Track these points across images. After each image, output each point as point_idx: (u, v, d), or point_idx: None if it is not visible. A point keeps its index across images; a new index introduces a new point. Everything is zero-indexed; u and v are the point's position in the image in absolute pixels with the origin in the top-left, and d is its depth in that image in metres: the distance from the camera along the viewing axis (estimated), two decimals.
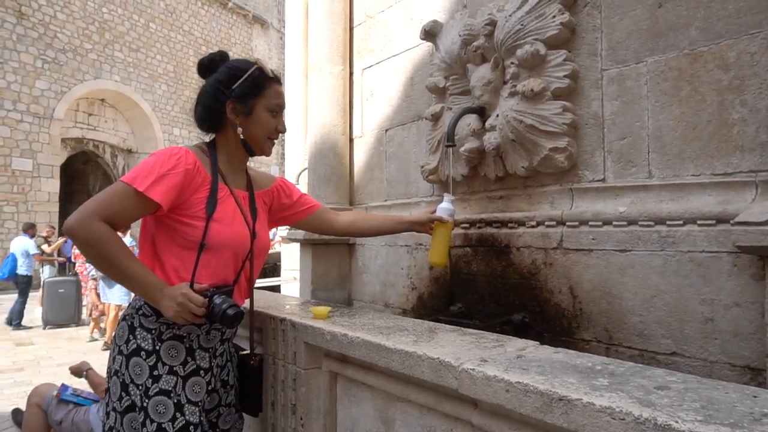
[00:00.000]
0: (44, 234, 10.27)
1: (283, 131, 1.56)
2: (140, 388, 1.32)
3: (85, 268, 9.69)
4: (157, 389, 1.33)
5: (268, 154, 1.57)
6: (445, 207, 1.79)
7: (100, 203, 1.29)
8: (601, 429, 0.77)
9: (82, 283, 9.57)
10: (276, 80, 1.52)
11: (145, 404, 1.31)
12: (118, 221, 1.30)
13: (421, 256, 2.40)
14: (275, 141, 1.56)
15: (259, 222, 1.56)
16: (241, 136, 1.48)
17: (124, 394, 1.33)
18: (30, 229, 9.55)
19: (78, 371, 2.71)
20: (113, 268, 1.31)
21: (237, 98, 1.44)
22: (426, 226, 1.81)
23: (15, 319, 8.20)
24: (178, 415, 1.34)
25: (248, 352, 1.63)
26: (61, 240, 10.02)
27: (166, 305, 1.29)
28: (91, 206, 1.28)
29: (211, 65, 1.50)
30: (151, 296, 1.32)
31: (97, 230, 1.25)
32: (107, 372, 1.41)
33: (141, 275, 1.31)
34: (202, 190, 1.39)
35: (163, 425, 1.32)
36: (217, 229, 1.40)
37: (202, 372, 1.42)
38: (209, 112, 1.47)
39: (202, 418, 1.40)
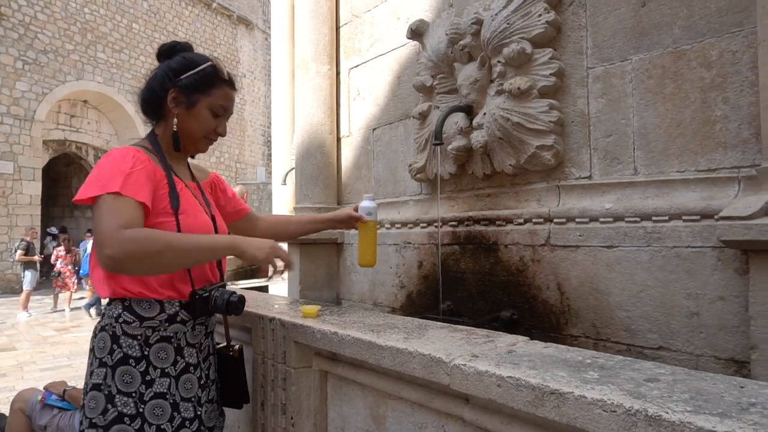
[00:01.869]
0: (28, 238, 10.15)
1: (223, 134, 1.50)
2: (133, 396, 1.28)
3: (68, 270, 9.72)
4: (152, 393, 1.30)
5: (202, 151, 1.54)
6: (365, 206, 1.73)
7: (109, 218, 1.19)
8: (593, 421, 0.78)
9: (67, 281, 9.67)
10: (229, 83, 1.48)
11: (141, 410, 1.28)
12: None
13: (409, 255, 2.40)
14: (213, 141, 1.52)
15: (213, 210, 1.55)
16: (174, 128, 1.43)
17: (109, 407, 1.27)
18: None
19: (55, 391, 2.60)
20: (174, 254, 1.24)
21: (182, 89, 1.40)
22: (347, 223, 1.78)
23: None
24: (175, 414, 1.33)
25: (225, 344, 1.61)
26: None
27: (255, 247, 1.33)
28: (105, 228, 1.18)
29: (170, 52, 1.46)
30: (229, 249, 1.33)
31: (129, 236, 1.17)
32: (84, 387, 1.34)
33: (204, 241, 1.31)
34: (162, 185, 1.35)
35: (162, 426, 1.30)
36: (187, 221, 1.37)
37: (191, 368, 1.40)
38: (152, 96, 1.43)
39: (198, 412, 1.39)
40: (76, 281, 10.23)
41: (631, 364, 0.95)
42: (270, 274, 1.46)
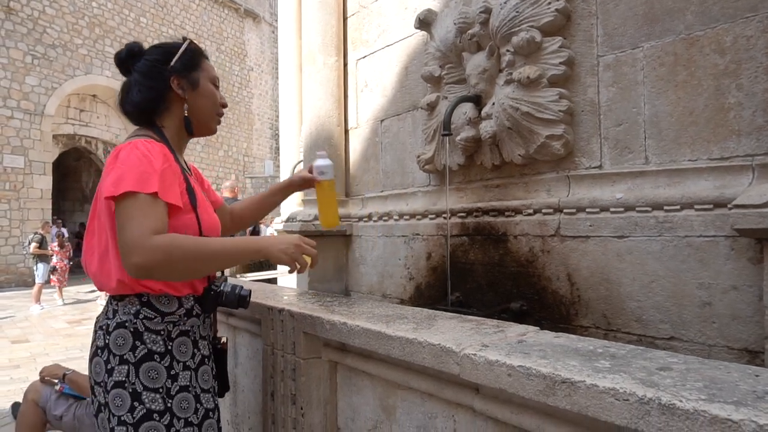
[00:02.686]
0: (42, 231, 10.29)
1: (226, 105, 1.52)
2: (160, 391, 1.29)
3: (63, 264, 9.99)
4: (178, 387, 1.31)
5: (214, 131, 1.53)
6: (318, 164, 1.67)
7: (139, 223, 1.16)
8: (605, 410, 0.78)
9: (59, 277, 9.89)
10: (206, 56, 1.50)
11: (169, 405, 1.29)
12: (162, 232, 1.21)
13: (418, 247, 2.40)
14: (222, 116, 1.52)
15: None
16: (185, 113, 1.42)
17: (136, 404, 1.26)
18: None
19: (52, 376, 2.56)
20: (202, 262, 1.24)
21: (180, 72, 1.39)
22: (303, 185, 1.76)
23: None
24: (198, 406, 1.34)
25: (213, 336, 1.61)
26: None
27: (279, 249, 1.30)
28: (135, 233, 1.15)
29: (131, 55, 1.41)
30: (257, 253, 1.31)
31: (159, 244, 1.15)
32: (100, 386, 1.30)
33: (230, 246, 1.28)
34: (180, 181, 1.34)
35: (189, 419, 1.31)
36: (204, 218, 1.38)
37: (206, 359, 1.42)
38: (153, 92, 1.38)
39: (216, 402, 1.41)
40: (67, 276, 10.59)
41: (643, 353, 0.95)
42: (296, 271, 1.42)
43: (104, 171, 1.27)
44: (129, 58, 1.40)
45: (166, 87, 1.38)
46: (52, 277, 10.04)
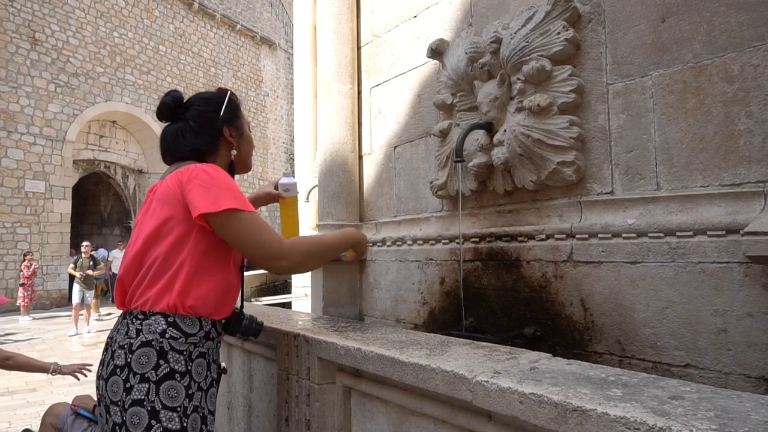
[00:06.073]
0: (84, 255, 10.58)
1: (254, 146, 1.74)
2: (178, 410, 1.31)
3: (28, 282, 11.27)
4: (192, 407, 1.35)
5: (250, 169, 1.71)
6: (284, 182, 1.80)
7: (270, 234, 1.41)
8: None
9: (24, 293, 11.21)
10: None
11: (185, 424, 1.32)
12: None
13: (431, 272, 2.41)
14: None
15: None
16: (233, 158, 1.59)
17: (154, 422, 1.28)
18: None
19: (85, 406, 2.60)
20: (323, 257, 1.60)
21: (230, 123, 1.57)
22: (267, 200, 1.90)
23: None
24: (203, 427, 1.38)
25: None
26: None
27: (361, 239, 1.78)
28: (274, 244, 1.40)
29: (176, 104, 1.55)
30: (348, 245, 1.75)
31: (295, 249, 1.45)
32: (117, 406, 1.30)
33: (331, 242, 1.65)
34: None
35: None
36: None
37: (214, 383, 1.47)
38: (209, 139, 1.54)
39: (213, 427, 1.46)
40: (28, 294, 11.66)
41: (655, 382, 0.95)
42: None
43: (175, 191, 1.38)
44: (177, 107, 1.56)
45: (219, 135, 1.56)
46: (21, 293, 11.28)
